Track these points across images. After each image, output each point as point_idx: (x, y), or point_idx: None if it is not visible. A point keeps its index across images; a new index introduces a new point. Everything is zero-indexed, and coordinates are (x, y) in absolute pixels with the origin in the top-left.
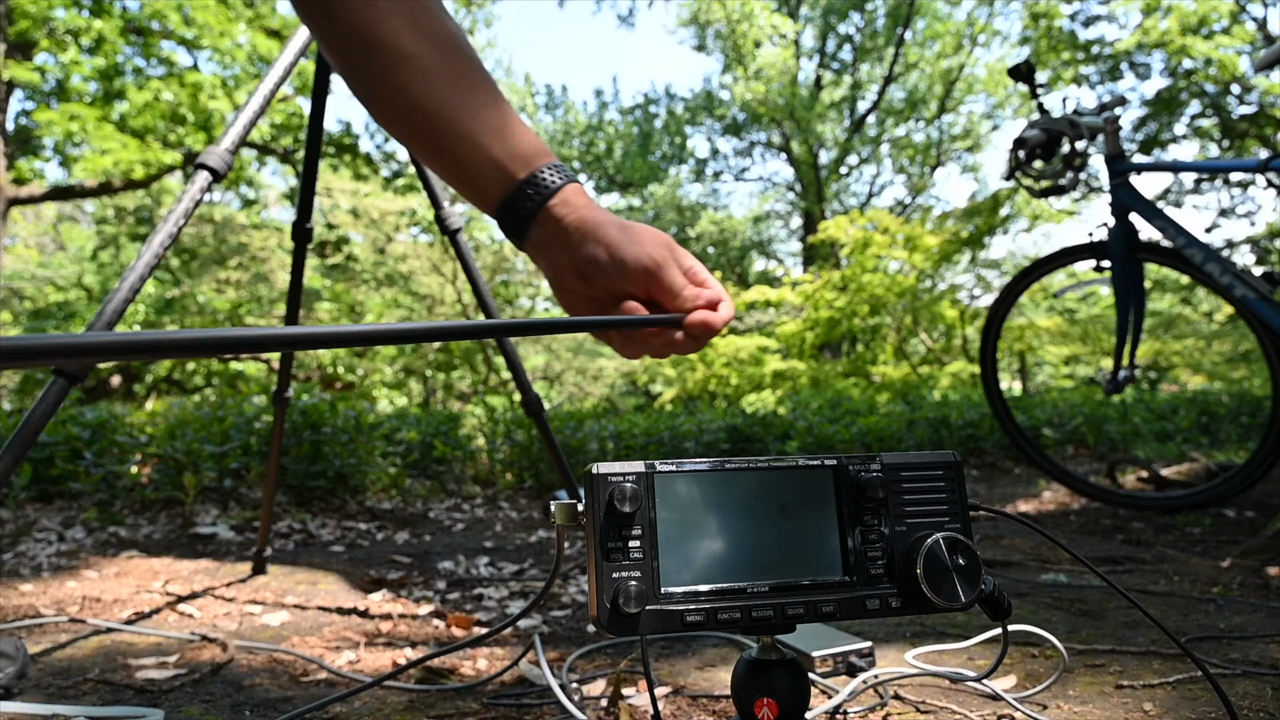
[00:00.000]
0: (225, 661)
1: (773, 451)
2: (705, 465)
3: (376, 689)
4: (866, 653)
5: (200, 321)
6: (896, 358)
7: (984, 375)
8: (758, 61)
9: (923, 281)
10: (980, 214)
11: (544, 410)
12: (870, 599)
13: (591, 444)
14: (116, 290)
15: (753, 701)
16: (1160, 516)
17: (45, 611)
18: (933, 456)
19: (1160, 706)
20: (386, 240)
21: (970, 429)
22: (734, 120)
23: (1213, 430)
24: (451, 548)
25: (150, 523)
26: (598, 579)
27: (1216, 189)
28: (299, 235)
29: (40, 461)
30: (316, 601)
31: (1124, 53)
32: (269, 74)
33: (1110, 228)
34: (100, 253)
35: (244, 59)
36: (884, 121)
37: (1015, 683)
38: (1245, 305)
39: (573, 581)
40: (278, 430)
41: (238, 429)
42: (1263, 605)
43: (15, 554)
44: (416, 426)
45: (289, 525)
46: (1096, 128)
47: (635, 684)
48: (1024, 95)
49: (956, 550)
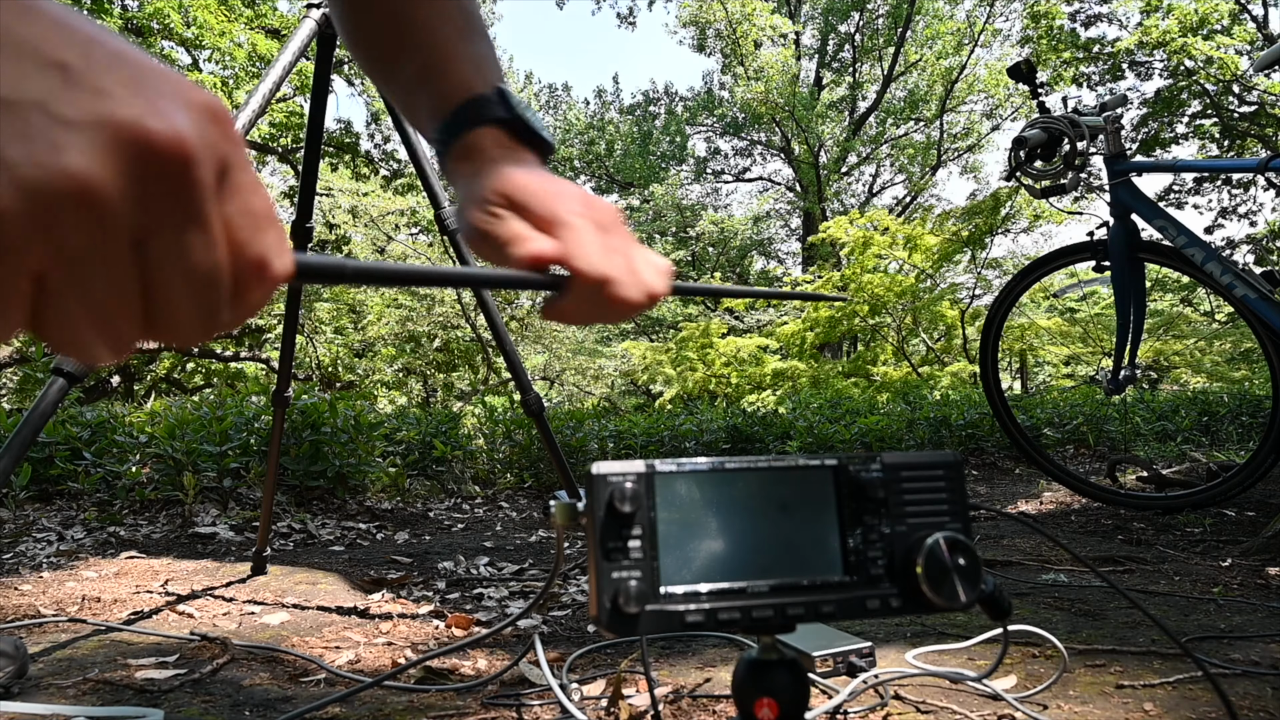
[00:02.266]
0: (225, 661)
1: (773, 451)
2: (705, 465)
3: (376, 689)
4: (866, 653)
5: None
6: (897, 358)
7: (984, 375)
8: (758, 61)
9: (923, 281)
10: (980, 214)
11: (544, 410)
12: (870, 599)
13: (591, 444)
14: None
15: (753, 701)
16: (1161, 516)
17: (45, 611)
18: (933, 456)
19: (1160, 706)
20: (386, 240)
21: (970, 429)
22: (734, 120)
23: (1213, 430)
24: (451, 548)
25: (150, 523)
26: (597, 579)
27: (1217, 189)
28: (299, 235)
29: (40, 461)
30: (316, 601)
31: (1124, 52)
32: (269, 73)
33: (1110, 227)
34: None
35: (244, 59)
36: (884, 121)
37: (1015, 683)
38: (1245, 305)
39: (573, 581)
40: (277, 430)
41: (237, 429)
42: (1263, 605)
43: (15, 554)
44: (416, 426)
45: (289, 525)
46: (1097, 127)
47: (635, 684)
48: (1024, 95)
49: (957, 550)
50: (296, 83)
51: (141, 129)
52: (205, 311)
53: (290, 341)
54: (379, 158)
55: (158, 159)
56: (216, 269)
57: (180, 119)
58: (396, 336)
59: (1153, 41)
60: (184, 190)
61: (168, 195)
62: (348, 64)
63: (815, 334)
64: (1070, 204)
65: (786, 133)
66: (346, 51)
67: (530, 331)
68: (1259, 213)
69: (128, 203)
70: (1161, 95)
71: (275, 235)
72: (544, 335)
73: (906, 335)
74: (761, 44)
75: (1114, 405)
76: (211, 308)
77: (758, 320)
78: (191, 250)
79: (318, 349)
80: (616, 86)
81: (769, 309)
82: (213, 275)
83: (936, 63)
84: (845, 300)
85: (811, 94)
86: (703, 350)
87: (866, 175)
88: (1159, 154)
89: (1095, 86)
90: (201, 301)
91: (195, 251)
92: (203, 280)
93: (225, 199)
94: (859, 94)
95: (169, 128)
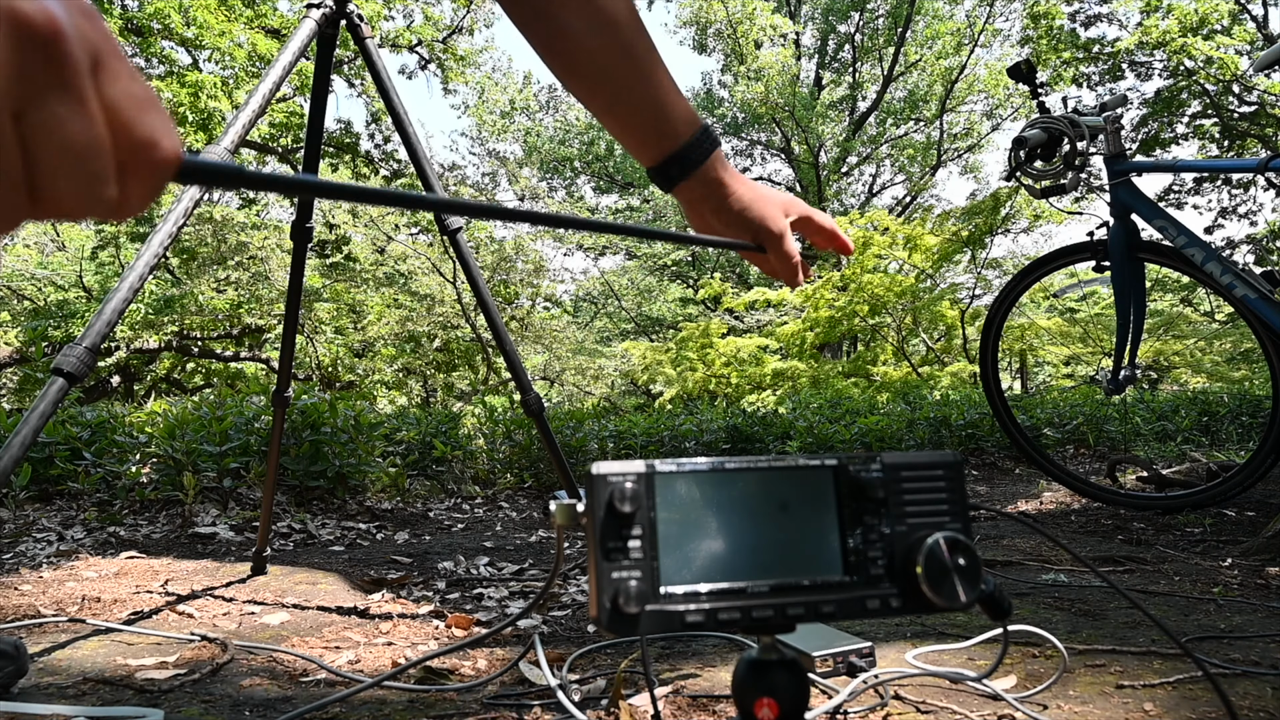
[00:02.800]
0: (225, 661)
1: (773, 451)
2: (705, 465)
3: (376, 689)
4: (866, 653)
5: (200, 320)
6: (897, 358)
7: (984, 375)
8: (758, 61)
9: (923, 281)
10: (980, 214)
11: (544, 410)
12: (870, 599)
13: (591, 444)
14: (116, 290)
15: (753, 701)
16: (1161, 516)
17: (45, 611)
18: (933, 456)
19: (1160, 706)
20: (386, 240)
21: (970, 429)
22: (734, 120)
23: (1213, 430)
24: (451, 548)
25: (150, 523)
26: (597, 579)
27: (1217, 189)
28: (299, 235)
29: (40, 461)
30: (316, 601)
31: (1124, 52)
32: (268, 73)
33: (1110, 227)
34: (100, 253)
35: (244, 59)
36: (884, 121)
37: (1015, 683)
38: (1245, 305)
39: (573, 581)
40: (277, 430)
41: (237, 429)
42: (1263, 605)
43: (15, 554)
44: (416, 426)
45: (289, 525)
46: (1097, 127)
47: (635, 684)
48: (1024, 95)
49: (957, 550)
50: (296, 83)
51: (16, 7)
52: (86, 184)
53: (290, 341)
54: (379, 158)
55: (30, 33)
56: (96, 142)
57: (52, 5)
58: (396, 336)
59: (1153, 41)
60: (56, 62)
61: (42, 66)
62: (348, 64)
63: (815, 334)
64: (1070, 204)
65: (786, 133)
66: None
67: (530, 331)
68: (1259, 213)
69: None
70: (1161, 95)
71: (160, 118)
72: (544, 335)
73: (906, 335)
74: (761, 44)
75: (1114, 405)
76: (93, 181)
77: (758, 320)
78: (66, 121)
79: (318, 349)
80: None
81: (769, 309)
82: (91, 147)
83: (936, 63)
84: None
85: (811, 94)
86: (703, 350)
87: (866, 175)
88: (1159, 154)
89: (1095, 86)
90: (81, 174)
91: (70, 123)
92: (81, 152)
93: (103, 82)
94: (859, 94)
95: (40, 8)
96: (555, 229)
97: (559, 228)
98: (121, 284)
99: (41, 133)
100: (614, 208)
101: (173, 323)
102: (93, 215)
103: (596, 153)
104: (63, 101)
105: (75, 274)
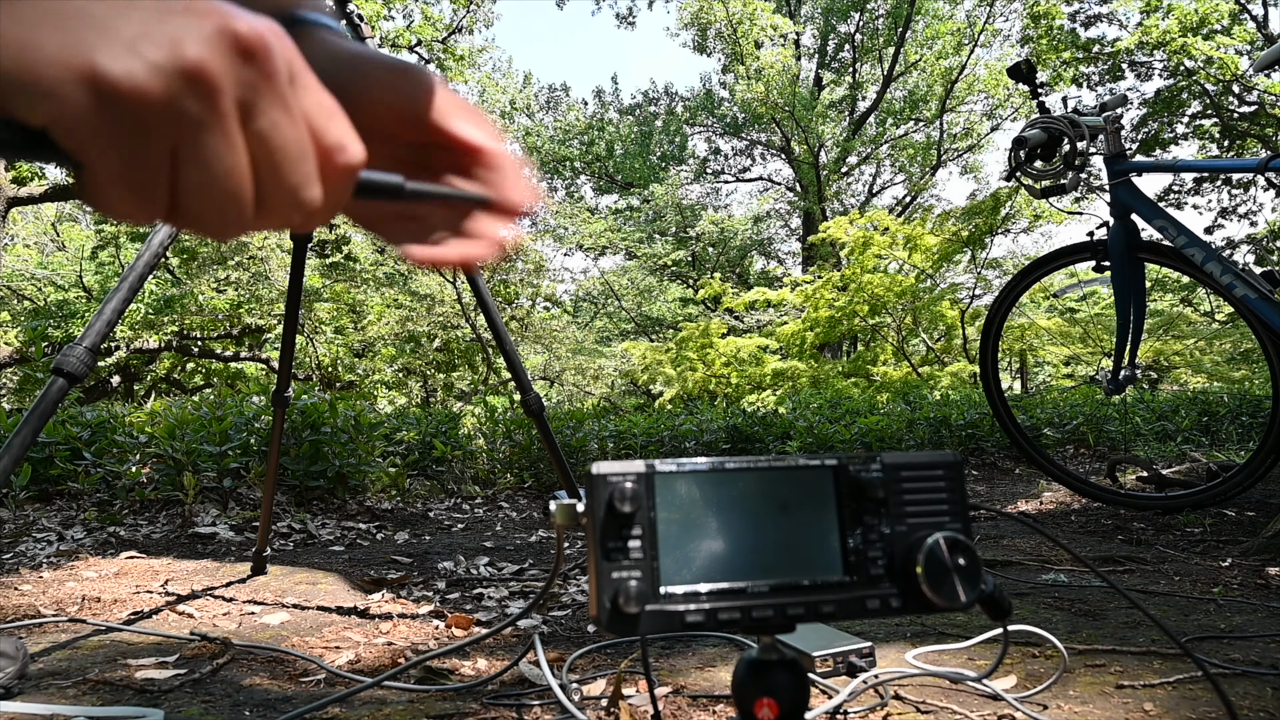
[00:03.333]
0: (225, 661)
1: (773, 451)
2: (705, 465)
3: (376, 689)
4: (866, 653)
5: (200, 320)
6: (897, 358)
7: (984, 375)
8: (758, 62)
9: (923, 281)
10: (980, 214)
11: (544, 410)
12: (870, 599)
13: (591, 444)
14: (116, 290)
15: (753, 701)
16: (1161, 516)
17: (45, 611)
18: (933, 456)
19: (1160, 706)
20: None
21: (970, 429)
22: (734, 120)
23: (1213, 430)
24: (451, 548)
25: (150, 523)
26: (598, 579)
27: (1217, 189)
28: (298, 235)
29: (40, 461)
30: (316, 601)
31: (1124, 52)
32: None
33: (1110, 227)
34: (100, 253)
35: None
36: (884, 121)
37: (1015, 683)
38: (1245, 305)
39: (573, 581)
40: (277, 430)
41: (237, 429)
42: (1263, 605)
43: (15, 554)
44: (416, 426)
45: (289, 525)
46: (1097, 127)
47: (635, 684)
48: (1024, 95)
49: (957, 550)
50: None
51: (233, 26)
52: (298, 187)
53: (290, 341)
54: None
55: (246, 49)
56: (304, 143)
57: (259, 24)
58: (396, 336)
59: (1153, 42)
60: (268, 74)
61: (259, 77)
62: None
63: (815, 334)
64: (1070, 204)
65: (786, 133)
66: None
67: (530, 331)
68: (1259, 213)
69: (230, 83)
70: (1161, 95)
71: (345, 124)
72: (544, 335)
73: (906, 335)
74: (762, 44)
75: (1114, 405)
76: (303, 184)
77: (758, 320)
78: (282, 125)
79: (318, 349)
80: (615, 87)
81: (769, 309)
82: (302, 150)
83: (936, 63)
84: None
85: (811, 94)
86: (703, 350)
87: (866, 175)
88: (1159, 154)
89: (1095, 86)
90: (295, 176)
91: (285, 127)
92: (295, 155)
93: (299, 93)
94: (859, 94)
95: (252, 28)
96: (555, 229)
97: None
98: (122, 284)
99: (262, 139)
100: (614, 208)
101: (173, 323)
102: (295, 221)
103: (596, 153)
104: (277, 106)
105: (75, 274)
